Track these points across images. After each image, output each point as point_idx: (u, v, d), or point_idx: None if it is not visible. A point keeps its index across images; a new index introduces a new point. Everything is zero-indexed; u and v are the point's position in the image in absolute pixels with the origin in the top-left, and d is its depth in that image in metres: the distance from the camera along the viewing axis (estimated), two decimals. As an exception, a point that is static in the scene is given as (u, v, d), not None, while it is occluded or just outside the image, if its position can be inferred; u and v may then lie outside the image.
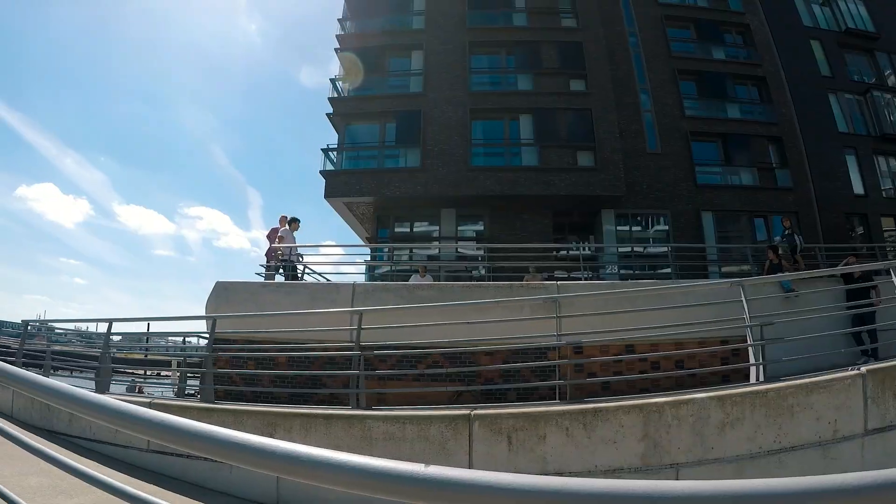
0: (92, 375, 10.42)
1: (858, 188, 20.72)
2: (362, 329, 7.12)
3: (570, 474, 5.22)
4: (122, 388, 15.48)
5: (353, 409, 6.54)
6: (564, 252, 18.01)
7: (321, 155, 20.26)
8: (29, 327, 11.74)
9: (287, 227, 14.19)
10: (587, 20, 21.15)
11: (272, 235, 14.31)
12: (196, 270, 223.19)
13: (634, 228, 19.55)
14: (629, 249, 19.02)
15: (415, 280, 12.52)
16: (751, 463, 5.08)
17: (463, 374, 8.93)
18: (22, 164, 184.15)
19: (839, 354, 7.49)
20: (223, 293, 11.68)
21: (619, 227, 19.28)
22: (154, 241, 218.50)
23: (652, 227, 19.60)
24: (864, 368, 5.57)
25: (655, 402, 5.52)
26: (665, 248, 17.01)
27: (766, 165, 20.29)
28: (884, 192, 21.07)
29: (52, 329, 16.55)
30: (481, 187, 18.93)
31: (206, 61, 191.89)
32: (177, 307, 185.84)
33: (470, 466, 5.45)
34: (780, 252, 11.43)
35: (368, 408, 6.70)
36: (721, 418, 5.27)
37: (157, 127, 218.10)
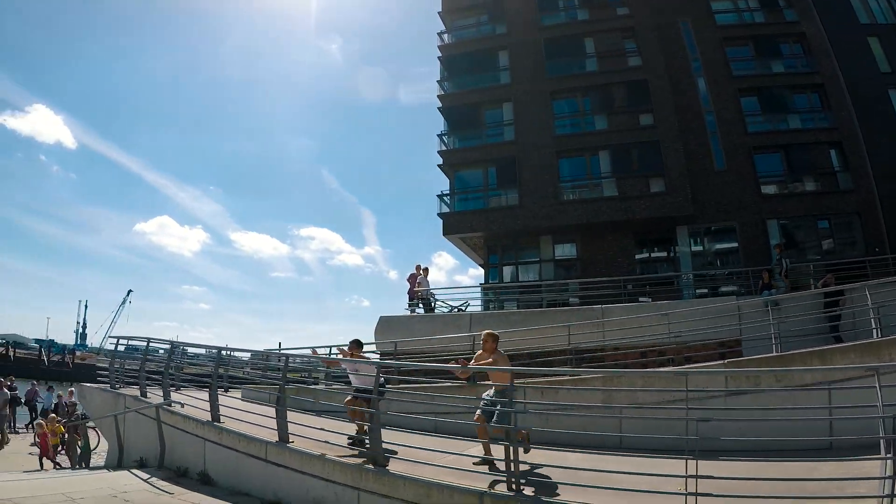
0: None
1: (924, 184, 22.25)
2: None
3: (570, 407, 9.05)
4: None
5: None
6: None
7: (431, 181, 25.27)
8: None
9: (422, 273, 19.84)
10: (650, 56, 24.26)
11: (412, 280, 20.15)
12: (314, 290, 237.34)
13: (706, 240, 22.69)
14: (702, 263, 22.31)
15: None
16: (661, 409, 8.14)
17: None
18: (136, 203, 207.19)
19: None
20: (385, 323, 17.80)
21: (692, 239, 22.57)
22: (272, 264, 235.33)
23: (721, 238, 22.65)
24: (727, 361, 10.14)
25: (609, 374, 9.83)
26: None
27: (827, 171, 22.56)
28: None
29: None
30: (570, 217, 22.88)
31: (298, 89, 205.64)
32: (302, 326, 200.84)
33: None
34: (771, 273, 15.03)
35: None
36: (642, 384, 9.11)
37: (262, 157, 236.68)
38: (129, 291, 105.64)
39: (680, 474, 5.04)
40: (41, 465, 13.47)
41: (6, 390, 17.43)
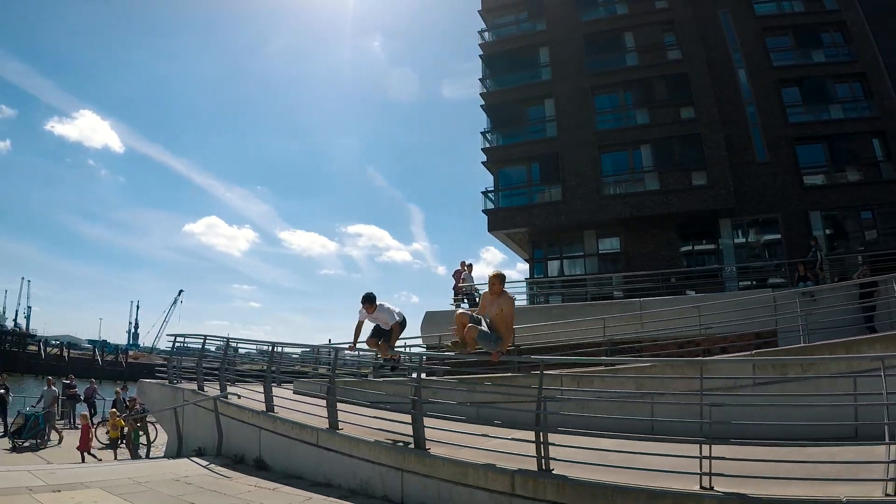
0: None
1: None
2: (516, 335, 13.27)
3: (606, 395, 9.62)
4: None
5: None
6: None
7: (477, 177, 26.02)
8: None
9: (466, 269, 20.66)
10: (690, 48, 24.54)
11: (457, 276, 20.87)
12: (363, 286, 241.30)
13: (749, 232, 23.16)
14: (746, 255, 22.77)
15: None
16: (689, 395, 7.49)
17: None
18: (185, 204, 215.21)
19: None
20: (431, 318, 18.99)
21: (735, 232, 23.02)
22: (321, 262, 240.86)
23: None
24: (754, 352, 10.21)
25: (639, 366, 10.16)
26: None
27: (870, 160, 22.62)
28: None
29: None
30: (613, 212, 23.52)
31: (341, 87, 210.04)
32: (352, 323, 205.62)
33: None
34: (806, 266, 15.63)
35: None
36: (671, 373, 9.25)
37: (308, 156, 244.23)
38: (181, 291, 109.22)
39: (696, 455, 5.58)
40: (83, 458, 14.18)
41: (54, 388, 18.33)
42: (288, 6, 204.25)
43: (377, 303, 8.93)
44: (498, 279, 7.81)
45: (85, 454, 14.45)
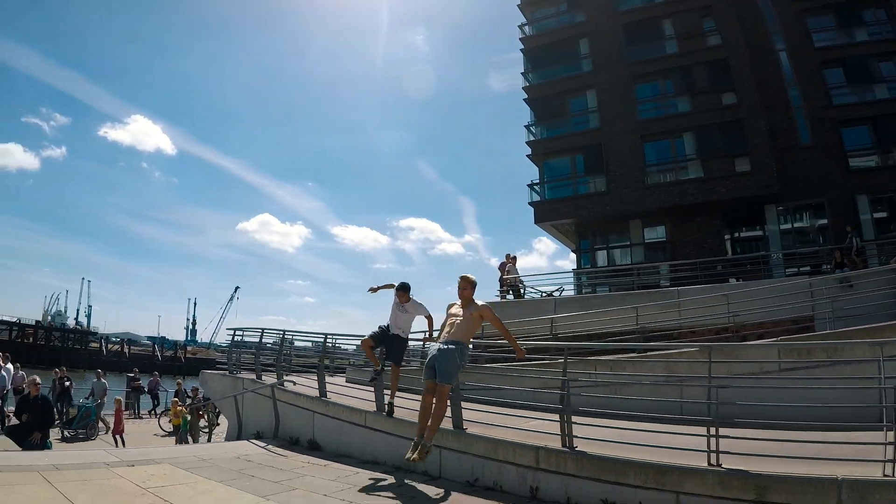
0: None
1: None
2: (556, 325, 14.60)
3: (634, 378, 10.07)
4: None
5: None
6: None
7: (526, 167, 26.82)
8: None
9: (511, 262, 21.55)
10: (729, 33, 24.62)
11: (502, 268, 21.87)
12: (416, 279, 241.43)
13: (795, 217, 23.25)
14: (793, 241, 22.72)
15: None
16: (697, 378, 7.70)
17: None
18: (237, 203, 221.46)
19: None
20: None
21: (781, 218, 23.07)
22: (374, 256, 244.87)
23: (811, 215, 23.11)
24: (779, 338, 10.61)
25: (669, 352, 10.50)
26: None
27: (918, 140, 22.36)
28: None
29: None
30: (657, 201, 23.98)
31: (386, 82, 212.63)
32: None
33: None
34: (843, 252, 16.00)
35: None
36: (699, 357, 9.32)
37: (357, 152, 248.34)
38: (237, 288, 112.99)
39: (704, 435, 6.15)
40: (115, 441, 15.56)
41: (104, 380, 20.06)
42: (329, 3, 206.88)
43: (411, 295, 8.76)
44: (468, 284, 7.22)
45: (117, 437, 15.81)
